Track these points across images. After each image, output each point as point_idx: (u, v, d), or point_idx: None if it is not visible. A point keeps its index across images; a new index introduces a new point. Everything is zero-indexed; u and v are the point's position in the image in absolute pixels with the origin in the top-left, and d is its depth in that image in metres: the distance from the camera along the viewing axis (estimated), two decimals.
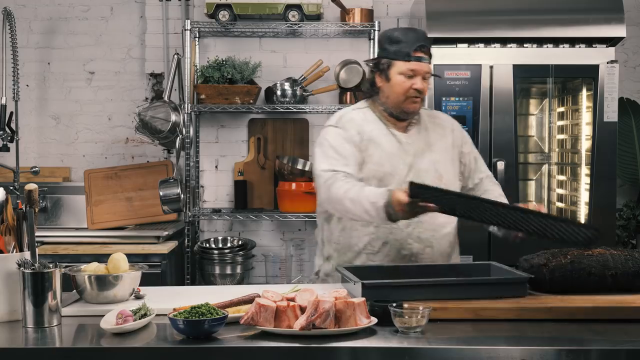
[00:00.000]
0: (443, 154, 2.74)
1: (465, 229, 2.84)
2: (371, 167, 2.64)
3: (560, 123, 4.20)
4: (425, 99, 2.76)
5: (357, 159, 2.63)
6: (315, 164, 2.69)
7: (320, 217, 2.82)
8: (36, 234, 2.20)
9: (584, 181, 3.87)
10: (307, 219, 4.24)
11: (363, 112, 2.75)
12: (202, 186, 4.47)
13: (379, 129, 2.70)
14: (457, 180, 2.78)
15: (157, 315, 2.10)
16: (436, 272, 2.44)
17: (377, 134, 2.68)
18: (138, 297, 2.35)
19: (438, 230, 2.69)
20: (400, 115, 2.69)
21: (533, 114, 4.26)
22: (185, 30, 4.20)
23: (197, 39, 4.37)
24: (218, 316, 1.94)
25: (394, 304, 2.03)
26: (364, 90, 2.79)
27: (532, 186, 4.27)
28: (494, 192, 2.82)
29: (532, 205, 2.63)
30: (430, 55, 2.65)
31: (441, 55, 3.73)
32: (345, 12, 4.25)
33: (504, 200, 2.76)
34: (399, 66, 2.62)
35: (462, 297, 2.20)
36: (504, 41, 3.76)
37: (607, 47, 3.77)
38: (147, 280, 2.50)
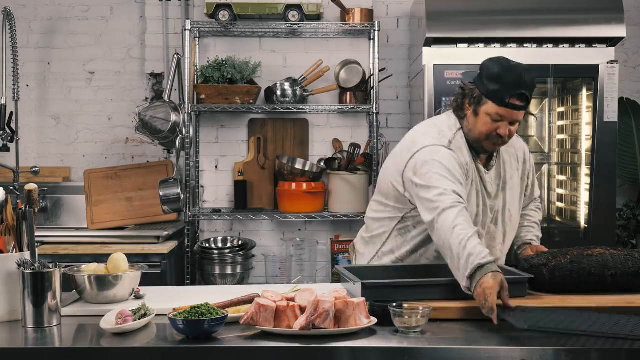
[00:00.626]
0: (514, 190, 2.65)
1: None
2: None
3: (560, 123, 4.20)
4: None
5: (465, 187, 2.47)
6: (432, 179, 2.40)
7: (390, 222, 2.65)
8: (36, 234, 2.20)
9: (584, 181, 3.87)
10: (307, 219, 4.24)
11: (461, 136, 2.54)
12: (202, 186, 4.47)
13: (470, 162, 2.53)
14: (520, 214, 2.71)
15: (157, 315, 2.10)
16: (436, 272, 2.44)
17: (471, 168, 2.53)
18: (138, 297, 2.35)
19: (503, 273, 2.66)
20: (479, 150, 2.55)
21: (533, 114, 4.25)
22: (185, 30, 4.20)
23: (197, 39, 4.37)
24: (218, 316, 1.94)
25: (394, 304, 2.03)
26: (452, 106, 2.58)
27: None
28: (532, 218, 2.80)
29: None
30: (528, 102, 2.45)
31: (441, 55, 3.73)
32: (345, 12, 4.25)
33: (535, 230, 2.76)
34: (490, 107, 2.43)
35: (462, 297, 2.20)
36: (504, 41, 3.76)
37: (607, 47, 3.76)
38: (147, 280, 2.50)
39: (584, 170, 3.87)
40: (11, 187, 3.78)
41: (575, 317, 2.02)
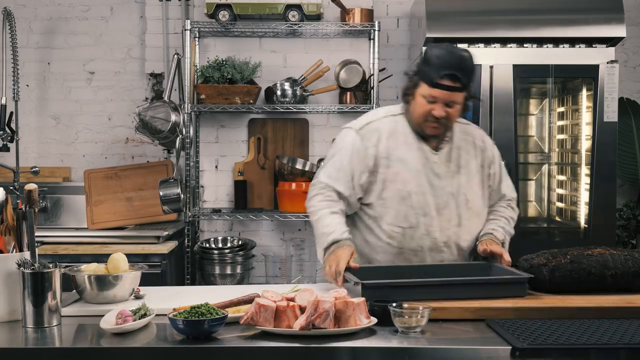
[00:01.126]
0: (472, 176, 2.67)
1: None
2: (396, 186, 2.59)
3: (560, 123, 4.20)
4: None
5: (359, 172, 2.60)
6: (321, 167, 2.72)
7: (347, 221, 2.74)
8: (36, 234, 2.20)
9: (584, 181, 3.87)
10: (307, 219, 4.22)
11: (396, 120, 2.66)
12: (202, 186, 4.47)
13: (409, 143, 2.62)
14: (485, 202, 2.72)
15: (157, 315, 2.10)
16: (436, 272, 2.44)
17: (405, 149, 2.61)
18: (138, 297, 2.34)
19: (460, 256, 2.67)
20: (421, 133, 2.61)
21: (533, 114, 4.26)
22: (185, 30, 4.20)
23: (197, 39, 4.37)
24: (218, 316, 1.94)
25: (394, 304, 2.03)
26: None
27: (532, 186, 4.27)
28: (499, 212, 2.75)
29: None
30: (463, 84, 2.49)
31: None
32: (345, 12, 4.25)
33: (500, 222, 2.71)
34: (423, 89, 2.53)
35: (462, 297, 2.20)
36: (504, 41, 3.76)
37: (607, 47, 3.77)
38: (147, 280, 2.50)
39: (584, 170, 3.87)
40: (11, 187, 3.78)
41: (574, 328, 2.00)
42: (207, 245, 4.20)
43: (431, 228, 2.60)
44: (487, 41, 3.76)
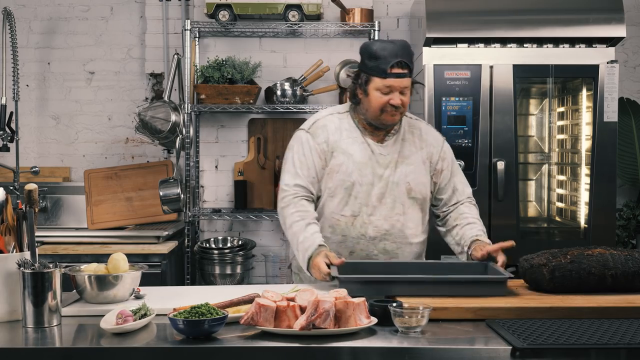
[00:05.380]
0: (417, 166, 2.73)
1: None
2: (340, 177, 2.69)
3: (560, 123, 4.20)
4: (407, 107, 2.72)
5: (319, 168, 2.71)
6: (283, 172, 2.75)
7: None
8: (36, 234, 2.20)
9: (584, 181, 3.87)
10: None
11: (340, 117, 2.78)
12: (202, 186, 4.47)
13: (353, 138, 2.72)
14: (428, 192, 2.77)
15: (157, 315, 2.11)
16: (428, 269, 2.48)
17: (350, 142, 2.71)
18: (138, 297, 2.35)
19: (404, 243, 2.72)
20: (379, 126, 2.71)
21: (533, 114, 4.26)
22: (185, 30, 4.20)
23: (197, 39, 4.37)
24: (218, 316, 1.94)
25: (394, 304, 2.03)
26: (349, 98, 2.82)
27: (532, 186, 4.27)
28: (468, 217, 2.76)
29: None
30: (410, 69, 2.63)
31: (441, 55, 3.73)
32: (345, 12, 4.25)
33: (478, 225, 2.72)
34: (376, 82, 2.62)
35: (437, 294, 2.22)
36: (504, 41, 3.76)
37: (607, 47, 3.77)
38: (147, 280, 2.50)
39: (584, 170, 3.87)
40: (11, 187, 3.78)
41: (574, 328, 2.00)
42: (207, 245, 4.20)
43: (373, 217, 2.68)
44: (487, 41, 3.76)
